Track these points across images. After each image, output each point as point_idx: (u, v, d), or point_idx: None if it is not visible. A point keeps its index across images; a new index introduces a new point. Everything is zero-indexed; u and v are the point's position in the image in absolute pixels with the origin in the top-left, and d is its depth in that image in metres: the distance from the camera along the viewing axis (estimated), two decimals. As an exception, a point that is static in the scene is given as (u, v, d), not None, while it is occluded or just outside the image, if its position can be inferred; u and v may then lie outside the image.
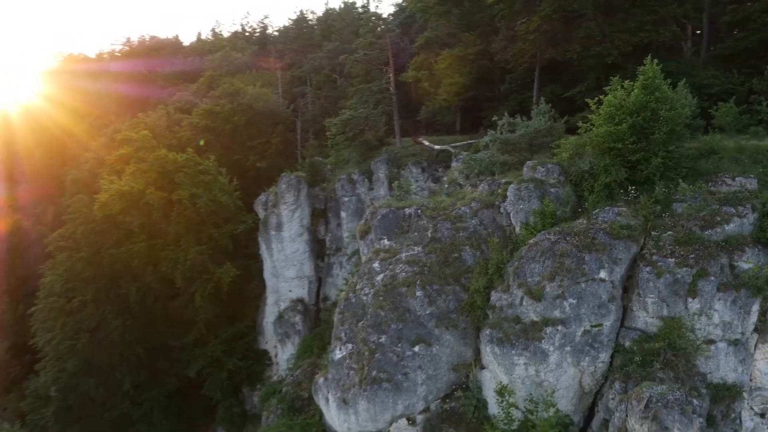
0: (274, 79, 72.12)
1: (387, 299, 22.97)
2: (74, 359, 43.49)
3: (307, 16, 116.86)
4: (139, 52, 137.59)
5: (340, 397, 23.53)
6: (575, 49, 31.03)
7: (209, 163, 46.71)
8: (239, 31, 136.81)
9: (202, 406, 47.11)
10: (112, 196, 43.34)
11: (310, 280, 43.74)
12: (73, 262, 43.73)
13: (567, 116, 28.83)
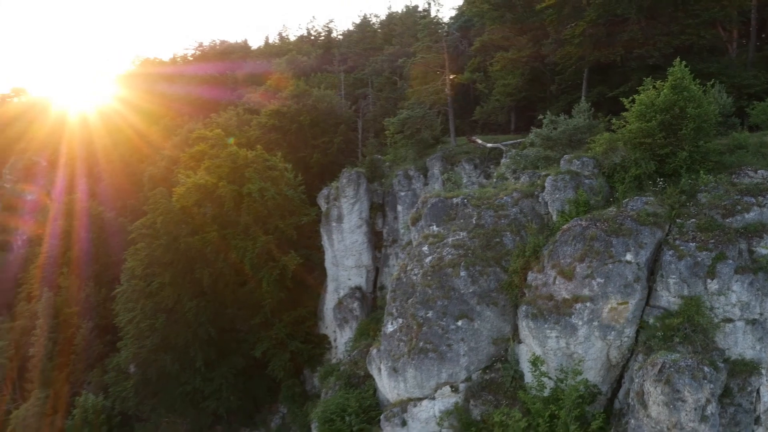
0: (337, 81, 75.58)
1: (434, 279, 25.49)
2: (153, 337, 47.64)
3: (370, 20, 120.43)
4: (210, 55, 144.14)
5: (391, 366, 26.21)
6: (618, 52, 32.83)
7: (276, 159, 50.30)
8: (305, 35, 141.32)
9: (266, 385, 50.57)
10: (189, 189, 47.38)
11: (368, 269, 46.58)
12: (153, 249, 47.89)
13: (610, 115, 30.64)
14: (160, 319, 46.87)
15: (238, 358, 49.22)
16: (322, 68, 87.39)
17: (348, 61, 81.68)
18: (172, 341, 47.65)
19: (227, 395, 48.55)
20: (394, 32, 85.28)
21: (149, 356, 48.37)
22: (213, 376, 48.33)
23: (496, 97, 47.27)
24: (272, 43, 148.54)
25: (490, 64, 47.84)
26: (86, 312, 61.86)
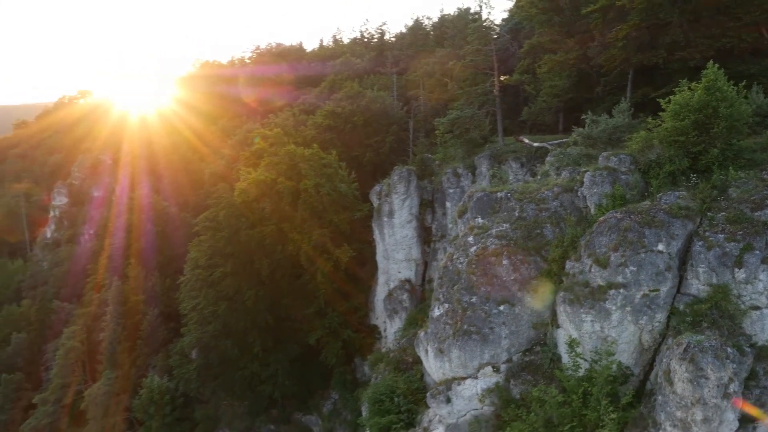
0: (390, 82, 77.90)
1: (478, 267, 27.42)
2: (215, 323, 50.86)
3: (422, 22, 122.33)
4: (266, 58, 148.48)
5: (437, 347, 28.27)
6: (661, 55, 34.05)
7: (331, 157, 52.92)
8: (358, 38, 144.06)
9: (319, 371, 53.28)
10: (249, 185, 50.38)
11: (417, 263, 48.67)
12: (216, 240, 51.14)
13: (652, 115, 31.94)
14: (222, 307, 50.00)
15: (293, 345, 52.03)
16: (375, 70, 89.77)
17: (400, 63, 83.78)
18: (232, 328, 50.75)
19: (282, 380, 51.40)
20: (445, 35, 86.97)
21: (211, 341, 51.61)
22: (270, 362, 51.25)
23: (543, 98, 48.71)
24: (326, 46, 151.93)
25: (538, 66, 49.24)
26: (151, 300, 65.91)
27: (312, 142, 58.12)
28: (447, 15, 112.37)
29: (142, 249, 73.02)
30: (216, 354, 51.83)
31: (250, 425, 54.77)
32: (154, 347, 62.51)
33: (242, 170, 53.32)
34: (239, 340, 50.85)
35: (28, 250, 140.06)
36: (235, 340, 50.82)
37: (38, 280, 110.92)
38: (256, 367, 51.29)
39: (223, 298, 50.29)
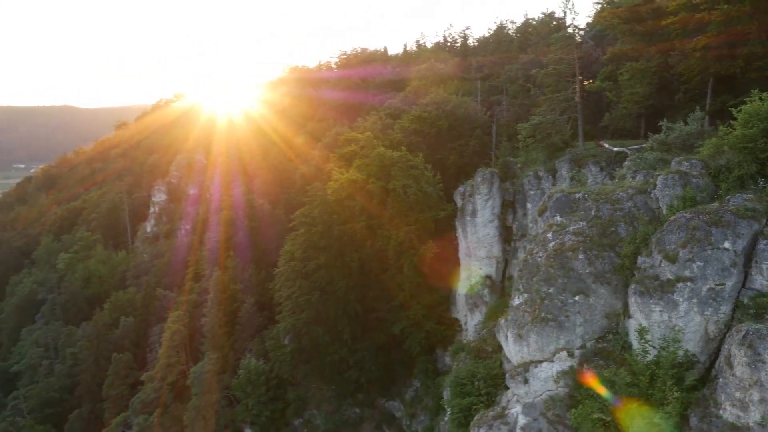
0: (473, 88, 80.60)
1: (556, 260, 30.11)
2: (308, 311, 55.20)
3: (506, 26, 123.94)
4: (353, 63, 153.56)
5: (517, 333, 31.15)
6: (738, 64, 35.58)
7: (418, 159, 56.30)
8: (441, 42, 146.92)
9: (402, 360, 56.66)
10: (342, 184, 54.47)
11: (498, 260, 51.35)
12: (311, 235, 55.48)
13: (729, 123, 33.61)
14: (315, 296, 54.27)
15: (379, 334, 55.67)
16: (459, 75, 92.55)
17: (484, 69, 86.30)
18: (323, 316, 54.94)
19: (369, 366, 55.16)
20: (529, 41, 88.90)
21: (304, 328, 56.01)
22: (357, 348, 55.13)
23: (623, 104, 50.41)
24: (410, 51, 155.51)
25: (620, 74, 50.98)
26: (248, 290, 71.23)
27: (399, 144, 61.60)
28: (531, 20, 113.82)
29: (239, 243, 78.69)
30: (308, 340, 56.16)
31: (337, 407, 58.85)
32: (250, 333, 67.68)
33: (334, 171, 57.47)
34: (330, 327, 54.92)
35: (130, 242, 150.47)
36: (326, 328, 54.94)
37: (141, 270, 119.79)
38: (344, 353, 55.25)
39: (316, 289, 54.51)
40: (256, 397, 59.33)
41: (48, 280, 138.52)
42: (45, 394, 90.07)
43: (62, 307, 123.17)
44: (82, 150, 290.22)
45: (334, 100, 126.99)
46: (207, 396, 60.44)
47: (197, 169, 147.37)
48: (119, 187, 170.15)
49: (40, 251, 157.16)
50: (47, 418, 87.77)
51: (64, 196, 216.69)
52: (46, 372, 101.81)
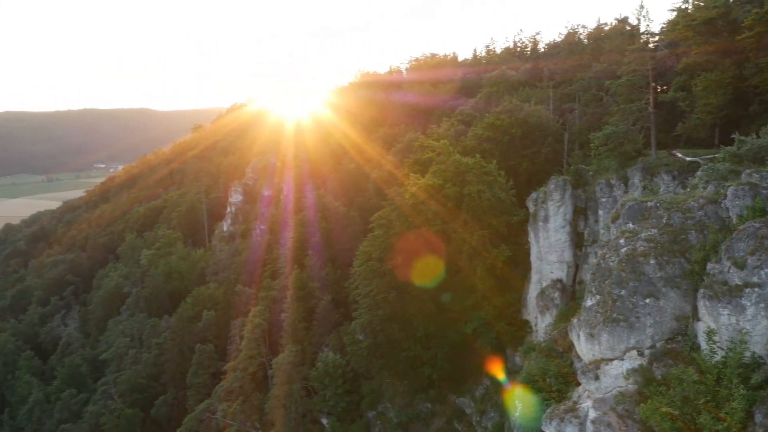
0: (545, 95, 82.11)
1: (628, 265, 32.03)
2: (384, 309, 58.29)
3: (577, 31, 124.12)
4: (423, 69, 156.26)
5: (589, 332, 33.18)
6: (813, 79, 36.58)
7: (491, 166, 58.59)
8: (511, 48, 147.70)
9: (473, 359, 59.02)
10: (419, 189, 57.31)
11: (569, 265, 53.08)
12: (388, 236, 58.56)
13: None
14: (392, 295, 57.31)
15: (451, 332, 58.21)
16: (531, 83, 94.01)
17: (556, 76, 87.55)
18: (399, 313, 57.94)
19: (441, 363, 57.78)
20: (602, 49, 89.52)
21: (380, 325, 59.10)
22: (431, 346, 57.85)
23: (697, 114, 51.34)
24: (479, 56, 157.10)
25: (694, 84, 51.93)
26: (325, 287, 75.04)
27: (472, 151, 63.95)
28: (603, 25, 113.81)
29: (315, 243, 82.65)
30: (384, 336, 59.26)
31: (410, 402, 61.72)
32: (327, 328, 71.40)
33: (411, 176, 60.37)
34: (405, 324, 57.88)
35: (207, 241, 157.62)
36: (401, 325, 57.92)
37: (219, 267, 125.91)
38: (418, 349, 58.07)
39: (393, 288, 57.55)
40: (333, 389, 62.88)
41: (132, 274, 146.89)
42: (133, 380, 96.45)
43: (146, 300, 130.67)
44: (160, 151, 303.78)
45: (405, 106, 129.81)
46: (287, 386, 64.33)
47: (271, 171, 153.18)
48: (197, 188, 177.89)
49: (125, 247, 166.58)
50: (135, 403, 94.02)
51: (144, 195, 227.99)
52: (133, 360, 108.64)
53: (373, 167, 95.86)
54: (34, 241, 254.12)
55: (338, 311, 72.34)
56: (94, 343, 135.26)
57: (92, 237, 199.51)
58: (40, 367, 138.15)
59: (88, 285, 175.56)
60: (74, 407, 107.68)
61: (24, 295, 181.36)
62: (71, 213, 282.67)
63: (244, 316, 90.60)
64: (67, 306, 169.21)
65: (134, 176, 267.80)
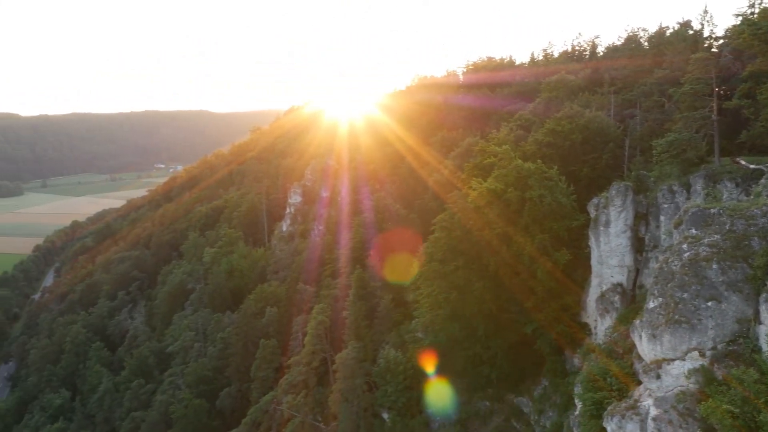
0: (605, 101, 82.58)
1: (690, 269, 33.31)
2: (445, 308, 60.20)
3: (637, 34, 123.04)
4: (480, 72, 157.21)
5: (651, 333, 34.53)
6: None
7: (553, 171, 59.91)
8: (569, 51, 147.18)
9: (532, 359, 60.42)
10: (481, 193, 59.09)
11: (629, 269, 54.01)
12: (451, 239, 60.48)
13: None
14: (453, 295, 59.19)
15: (511, 333, 59.75)
16: (591, 88, 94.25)
17: (617, 82, 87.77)
18: (460, 313, 59.76)
19: (501, 362, 59.38)
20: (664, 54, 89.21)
21: (441, 324, 61.04)
22: (490, 345, 59.51)
23: (762, 122, 51.60)
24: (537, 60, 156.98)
25: (759, 92, 52.14)
26: (386, 287, 77.44)
27: (532, 156, 65.27)
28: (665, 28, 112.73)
29: (377, 243, 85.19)
30: (444, 335, 61.20)
31: (468, 400, 63.50)
32: (387, 326, 73.82)
33: (473, 180, 62.16)
34: (465, 324, 59.69)
35: (266, 240, 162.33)
36: (461, 324, 59.75)
37: (279, 266, 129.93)
38: (478, 349, 59.83)
39: (454, 288, 59.43)
40: (394, 385, 65.21)
41: (195, 271, 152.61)
42: (200, 372, 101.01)
43: (209, 296, 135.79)
44: (220, 152, 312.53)
45: (463, 109, 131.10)
46: (350, 381, 66.94)
47: (329, 173, 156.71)
48: (258, 189, 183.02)
49: (188, 245, 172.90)
50: (201, 394, 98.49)
51: (205, 195, 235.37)
52: (198, 354, 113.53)
53: (431, 171, 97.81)
54: (100, 238, 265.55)
55: (398, 310, 74.67)
56: (160, 336, 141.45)
57: (156, 235, 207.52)
58: (108, 358, 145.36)
59: (152, 281, 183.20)
60: (142, 396, 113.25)
61: (93, 290, 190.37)
62: (135, 211, 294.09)
63: (306, 313, 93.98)
64: (133, 300, 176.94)
65: (195, 177, 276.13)
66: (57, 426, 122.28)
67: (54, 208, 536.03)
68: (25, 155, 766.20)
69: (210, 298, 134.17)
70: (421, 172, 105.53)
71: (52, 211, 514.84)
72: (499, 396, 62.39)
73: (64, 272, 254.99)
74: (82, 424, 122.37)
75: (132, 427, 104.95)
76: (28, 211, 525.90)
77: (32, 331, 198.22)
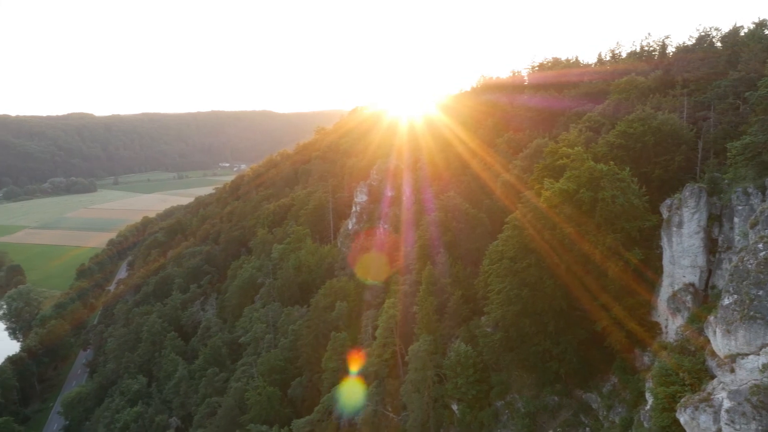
0: (678, 103, 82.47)
1: (766, 267, 34.58)
2: (516, 305, 62.09)
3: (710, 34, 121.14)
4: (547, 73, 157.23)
5: (725, 328, 35.95)
6: None
7: (625, 173, 61.03)
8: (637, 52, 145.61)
9: (601, 356, 61.60)
10: (554, 193, 60.77)
11: (702, 270, 54.81)
12: (522, 237, 62.39)
13: None
14: (524, 291, 61.05)
15: (580, 330, 61.18)
16: (662, 90, 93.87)
17: (690, 84, 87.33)
18: (530, 309, 61.56)
19: (570, 358, 60.86)
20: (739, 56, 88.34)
21: (512, 319, 62.96)
22: (560, 341, 61.09)
23: (841, 125, 51.68)
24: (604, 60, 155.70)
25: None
26: (456, 283, 79.71)
27: (603, 158, 66.29)
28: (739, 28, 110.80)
29: (447, 241, 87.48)
30: (515, 330, 63.13)
31: (537, 394, 65.21)
32: (457, 321, 76.11)
33: (545, 180, 63.83)
34: (536, 320, 61.46)
35: (332, 237, 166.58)
36: (532, 320, 61.56)
37: (346, 262, 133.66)
38: (548, 344, 61.49)
39: (526, 285, 61.29)
40: (464, 377, 67.49)
41: (264, 266, 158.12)
42: (272, 362, 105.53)
43: (278, 290, 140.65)
44: (285, 152, 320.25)
45: (530, 110, 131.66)
46: (422, 372, 69.58)
47: (393, 173, 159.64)
48: (324, 188, 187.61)
49: (257, 241, 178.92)
50: (273, 383, 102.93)
51: (271, 193, 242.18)
52: (268, 345, 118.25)
53: (498, 171, 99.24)
54: (171, 233, 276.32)
55: (468, 306, 76.78)
56: (231, 327, 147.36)
57: (225, 231, 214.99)
58: (182, 347, 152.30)
59: (222, 275, 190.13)
60: (217, 384, 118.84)
61: (166, 282, 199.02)
62: (203, 208, 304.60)
63: (375, 308, 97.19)
64: (204, 293, 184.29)
65: (261, 175, 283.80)
66: (136, 409, 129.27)
67: (125, 204, 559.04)
68: (98, 153, 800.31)
69: (279, 293, 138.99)
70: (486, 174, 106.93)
71: (123, 207, 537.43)
72: (567, 391, 63.86)
73: (137, 265, 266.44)
74: (159, 408, 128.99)
75: (208, 411, 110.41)
76: (101, 206, 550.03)
77: (108, 321, 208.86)
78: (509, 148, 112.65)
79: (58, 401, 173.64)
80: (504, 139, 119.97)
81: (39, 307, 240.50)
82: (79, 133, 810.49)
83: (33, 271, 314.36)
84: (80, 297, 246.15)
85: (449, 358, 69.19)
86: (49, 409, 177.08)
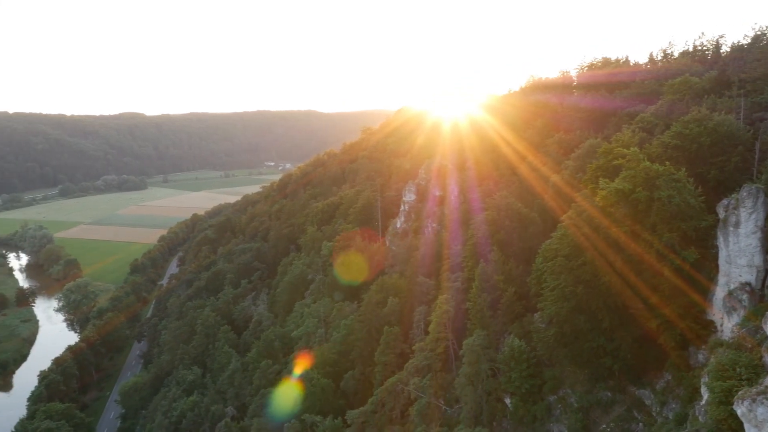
0: (733, 104, 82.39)
1: (826, 265, 35.68)
2: (571, 301, 63.49)
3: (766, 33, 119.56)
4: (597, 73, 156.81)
5: (784, 324, 37.12)
6: None
7: (681, 174, 61.84)
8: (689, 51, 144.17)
9: (655, 353, 62.46)
10: (610, 193, 61.96)
11: (758, 270, 55.44)
12: (578, 235, 63.80)
13: None
14: (579, 288, 62.43)
15: (634, 327, 62.16)
16: (717, 90, 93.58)
17: (746, 85, 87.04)
18: (585, 306, 62.90)
19: (624, 354, 61.99)
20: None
21: (566, 316, 64.38)
22: (614, 337, 62.27)
23: None
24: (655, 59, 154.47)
25: None
26: (509, 280, 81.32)
27: (657, 158, 67.02)
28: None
29: (501, 239, 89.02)
30: (569, 326, 64.51)
31: (589, 390, 66.46)
32: (510, 317, 77.77)
33: (601, 180, 65.01)
34: (591, 316, 62.76)
35: (379, 235, 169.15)
36: (587, 316, 62.88)
37: (395, 260, 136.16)
38: (602, 341, 62.73)
39: (581, 282, 62.65)
40: (518, 372, 69.16)
41: (314, 263, 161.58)
42: (326, 355, 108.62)
43: (328, 286, 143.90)
44: (332, 151, 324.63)
45: (580, 111, 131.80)
46: (475, 366, 71.52)
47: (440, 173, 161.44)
48: (372, 187, 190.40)
49: (306, 239, 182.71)
50: (326, 375, 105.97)
51: (319, 191, 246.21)
52: (320, 339, 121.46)
53: (549, 171, 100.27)
54: (220, 230, 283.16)
55: (520, 303, 78.33)
56: (282, 322, 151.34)
57: (274, 228, 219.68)
58: (235, 340, 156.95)
59: (272, 271, 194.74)
60: (270, 375, 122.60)
61: (217, 278, 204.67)
62: (251, 206, 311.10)
63: (427, 304, 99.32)
64: (255, 288, 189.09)
65: (309, 174, 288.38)
66: (192, 399, 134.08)
67: (174, 201, 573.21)
68: (149, 152, 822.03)
69: (329, 289, 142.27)
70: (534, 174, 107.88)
71: (172, 204, 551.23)
72: (620, 387, 64.92)
73: (188, 261, 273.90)
74: (214, 399, 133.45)
75: (262, 402, 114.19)
76: (151, 204, 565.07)
77: (162, 314, 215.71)
78: (560, 148, 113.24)
79: (115, 390, 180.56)
80: (554, 139, 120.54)
81: (95, 300, 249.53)
82: (130, 132, 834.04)
83: (88, 266, 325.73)
84: (134, 291, 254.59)
85: (503, 353, 70.93)
86: (106, 397, 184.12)
